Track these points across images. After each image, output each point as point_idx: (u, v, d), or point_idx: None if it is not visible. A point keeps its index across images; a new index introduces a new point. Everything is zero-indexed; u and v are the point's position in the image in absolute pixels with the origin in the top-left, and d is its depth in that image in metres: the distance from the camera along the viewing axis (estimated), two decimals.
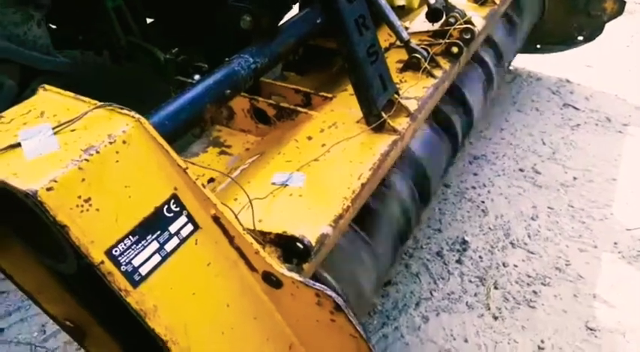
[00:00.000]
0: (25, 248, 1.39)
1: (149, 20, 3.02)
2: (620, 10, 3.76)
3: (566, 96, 4.05)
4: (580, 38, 3.94)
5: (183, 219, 1.23)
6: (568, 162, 3.36)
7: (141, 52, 2.64)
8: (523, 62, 4.29)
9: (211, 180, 2.05)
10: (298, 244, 1.45)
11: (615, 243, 2.76)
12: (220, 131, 2.45)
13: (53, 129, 1.16)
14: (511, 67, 4.23)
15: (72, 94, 1.28)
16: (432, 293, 2.53)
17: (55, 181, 1.03)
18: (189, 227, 1.25)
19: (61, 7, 2.82)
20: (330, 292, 1.24)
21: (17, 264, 1.44)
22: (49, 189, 1.02)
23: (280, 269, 1.30)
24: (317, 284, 1.26)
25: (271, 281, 1.33)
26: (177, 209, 1.23)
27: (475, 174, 3.25)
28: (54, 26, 3.05)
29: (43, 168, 1.06)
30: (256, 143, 2.34)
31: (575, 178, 3.22)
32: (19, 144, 1.12)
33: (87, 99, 1.26)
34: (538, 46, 4.09)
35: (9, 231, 1.34)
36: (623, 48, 4.67)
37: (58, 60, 2.24)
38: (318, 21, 2.23)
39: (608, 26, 3.81)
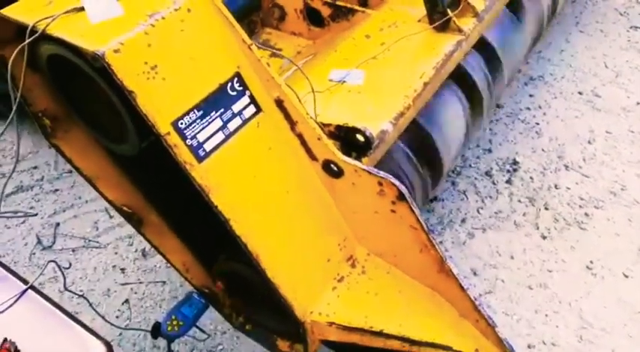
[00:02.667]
0: (86, 130, 1.38)
1: None
2: None
3: (635, 18, 3.73)
4: None
5: (246, 100, 1.20)
6: (631, 86, 3.15)
7: None
8: None
9: None
10: (359, 136, 1.40)
11: None
12: (270, 34, 2.36)
13: None
14: None
15: None
16: (478, 211, 2.49)
17: (122, 44, 0.99)
18: (252, 108, 1.21)
19: None
20: (394, 180, 1.20)
21: (76, 148, 1.44)
22: (116, 51, 0.98)
23: (342, 156, 1.27)
24: (381, 172, 1.22)
25: (331, 170, 1.30)
26: (241, 88, 1.19)
27: (531, 96, 3.09)
28: None
29: (108, 31, 1.02)
30: (308, 46, 2.25)
31: (637, 103, 3.03)
32: (82, 8, 1.08)
33: None
34: None
35: (70, 111, 1.34)
36: None
37: None
38: None
39: None
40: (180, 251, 1.67)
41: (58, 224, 2.49)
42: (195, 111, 1.11)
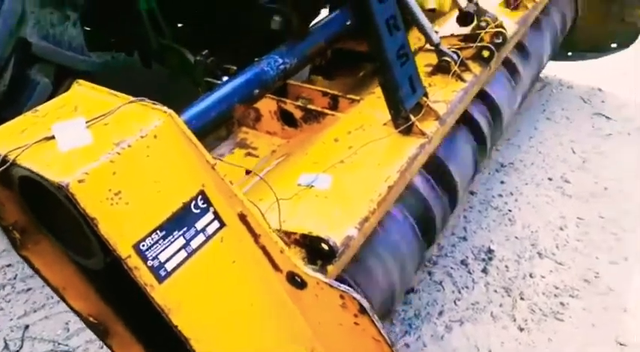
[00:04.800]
0: (54, 243, 1.40)
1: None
2: None
3: (598, 105, 3.96)
4: (613, 45, 3.84)
5: (209, 216, 1.24)
6: (598, 171, 3.27)
7: (171, 53, 2.67)
8: (554, 70, 4.21)
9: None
10: (323, 245, 1.43)
11: None
12: (247, 133, 2.46)
13: (86, 122, 1.17)
14: (541, 75, 4.16)
15: (105, 89, 1.30)
16: (455, 303, 2.48)
17: (87, 173, 1.04)
18: (216, 224, 1.24)
19: (95, 9, 2.88)
20: (355, 294, 1.22)
21: (45, 259, 1.45)
22: (80, 181, 1.03)
23: (305, 269, 1.29)
24: (342, 285, 1.24)
25: (295, 281, 1.32)
26: (205, 205, 1.23)
27: (502, 182, 3.19)
28: (88, 28, 3.12)
29: (75, 161, 1.08)
30: (282, 145, 2.34)
31: (605, 188, 3.13)
32: (53, 137, 1.14)
33: (120, 94, 1.28)
34: (570, 54, 4.01)
35: (39, 225, 1.36)
36: None
37: (91, 60, 2.28)
38: (347, 23, 2.22)
39: None
40: None
41: (27, 326, 2.42)
42: (158, 232, 1.14)
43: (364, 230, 1.58)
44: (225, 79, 2.32)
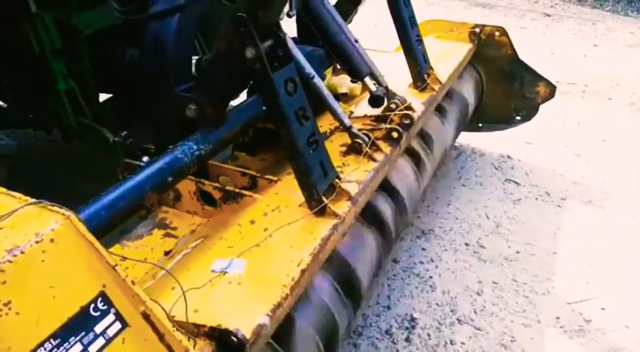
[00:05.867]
0: None
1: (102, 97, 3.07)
2: (552, 93, 4.08)
3: (508, 171, 4.27)
4: (518, 118, 4.22)
5: (111, 317, 1.22)
6: (511, 236, 3.48)
7: (90, 133, 2.66)
8: (467, 139, 4.53)
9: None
10: (232, 338, 1.43)
11: (557, 318, 2.83)
12: (167, 212, 2.44)
13: None
14: (456, 143, 4.45)
15: (4, 190, 1.29)
16: None
17: None
18: (117, 325, 1.22)
19: (11, 88, 2.85)
20: None
21: None
22: None
23: None
24: None
25: None
26: (105, 307, 1.21)
27: (423, 249, 3.32)
28: (4, 104, 3.07)
29: None
30: (202, 225, 2.34)
31: (517, 252, 3.33)
32: None
33: (18, 195, 1.26)
34: (480, 125, 4.35)
35: None
36: (559, 126, 5.00)
37: (3, 143, 2.23)
38: (264, 107, 2.32)
39: (543, 107, 4.11)
40: None
41: None
42: (52, 340, 1.11)
43: (277, 316, 1.60)
44: (145, 159, 2.35)
